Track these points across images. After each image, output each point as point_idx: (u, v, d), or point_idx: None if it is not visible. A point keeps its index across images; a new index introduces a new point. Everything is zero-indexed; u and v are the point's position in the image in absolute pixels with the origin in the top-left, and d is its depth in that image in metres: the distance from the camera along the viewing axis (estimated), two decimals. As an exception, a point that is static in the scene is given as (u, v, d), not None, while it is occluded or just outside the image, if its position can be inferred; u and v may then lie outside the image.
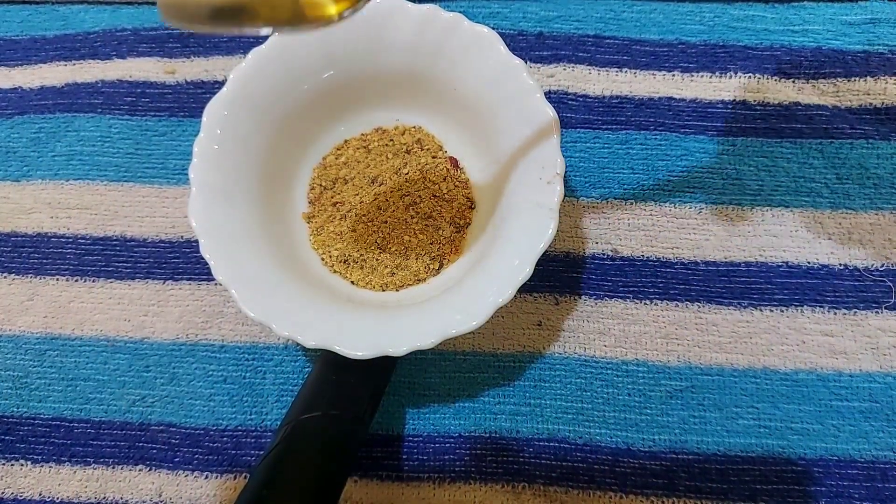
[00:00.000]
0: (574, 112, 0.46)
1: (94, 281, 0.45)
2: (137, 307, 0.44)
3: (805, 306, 0.42)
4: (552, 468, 0.40)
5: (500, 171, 0.40)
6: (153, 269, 0.45)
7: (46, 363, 0.43)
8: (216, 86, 0.48)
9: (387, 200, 0.42)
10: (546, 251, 0.34)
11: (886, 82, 0.46)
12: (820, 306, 0.42)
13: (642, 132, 0.46)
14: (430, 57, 0.38)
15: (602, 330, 0.42)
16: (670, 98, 0.46)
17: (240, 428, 0.42)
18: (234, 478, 0.41)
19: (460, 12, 0.37)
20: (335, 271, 0.41)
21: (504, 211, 0.38)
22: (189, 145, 0.36)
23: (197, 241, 0.35)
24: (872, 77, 0.46)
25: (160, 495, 0.41)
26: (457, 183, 0.42)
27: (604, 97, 0.47)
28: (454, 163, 0.43)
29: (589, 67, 0.47)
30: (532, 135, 0.36)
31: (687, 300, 0.42)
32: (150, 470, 0.41)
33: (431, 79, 0.40)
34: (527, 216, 0.35)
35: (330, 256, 0.42)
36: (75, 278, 0.45)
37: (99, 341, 0.44)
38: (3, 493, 0.41)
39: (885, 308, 0.42)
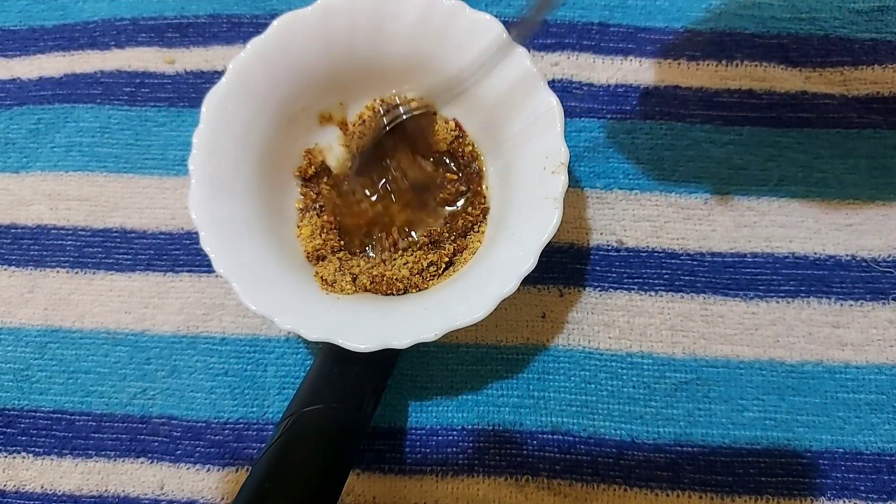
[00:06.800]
0: (578, 101, 0.46)
1: (94, 273, 0.45)
2: (138, 299, 0.44)
3: (812, 297, 0.41)
4: (556, 461, 0.40)
5: (504, 161, 0.39)
6: (153, 261, 0.45)
7: (47, 356, 0.43)
8: (216, 76, 0.47)
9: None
10: (550, 242, 0.33)
11: (894, 71, 0.45)
12: (827, 297, 0.41)
13: (648, 121, 0.45)
14: (432, 45, 0.38)
15: (607, 322, 0.42)
16: (676, 86, 0.46)
17: (241, 421, 0.41)
18: (236, 470, 0.41)
19: (462, -1, 0.37)
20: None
21: (508, 201, 0.38)
22: (189, 135, 0.36)
23: (198, 233, 0.34)
24: (881, 66, 0.45)
25: (162, 488, 0.41)
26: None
27: (609, 86, 0.46)
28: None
29: (594, 55, 0.47)
30: (535, 124, 0.36)
31: (693, 292, 0.42)
32: (151, 463, 0.41)
33: (433, 67, 0.39)
34: (530, 207, 0.35)
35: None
36: (75, 270, 0.45)
37: (99, 334, 0.43)
38: (4, 485, 0.41)
39: (893, 300, 0.41)
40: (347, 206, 0.41)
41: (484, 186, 0.41)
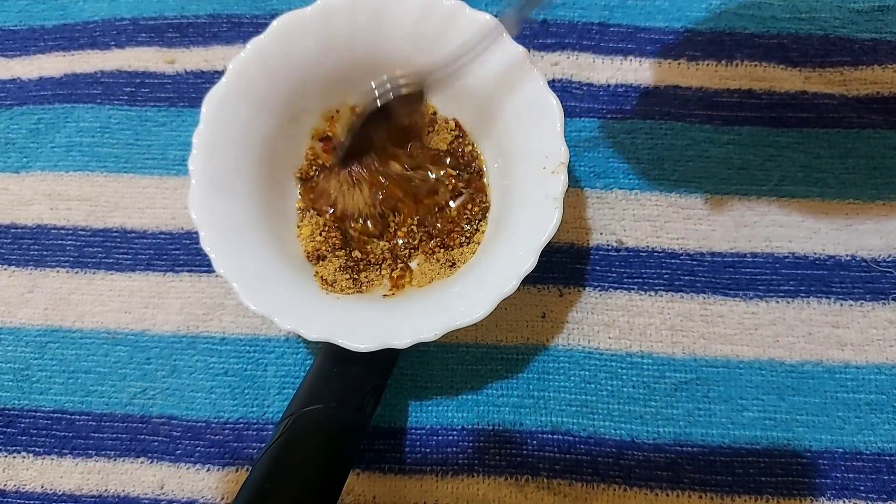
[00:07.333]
0: (578, 101, 0.46)
1: (94, 273, 0.45)
2: (138, 299, 0.44)
3: (812, 297, 0.41)
4: (556, 461, 0.40)
5: (504, 160, 0.39)
6: (153, 261, 0.45)
7: (47, 355, 0.43)
8: (216, 75, 0.47)
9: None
10: (550, 242, 0.33)
11: (894, 71, 0.45)
12: (827, 297, 0.41)
13: (647, 121, 0.45)
14: (432, 45, 0.38)
15: (607, 322, 0.42)
16: (676, 86, 0.46)
17: (241, 420, 0.41)
18: (236, 470, 0.41)
19: (462, -1, 0.37)
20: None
21: (508, 201, 0.38)
22: (189, 135, 0.36)
23: (198, 232, 0.34)
24: (880, 65, 0.45)
25: (162, 488, 0.41)
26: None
27: (608, 86, 0.46)
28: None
29: (593, 55, 0.47)
30: (535, 124, 0.36)
31: (693, 291, 0.42)
32: (151, 462, 0.41)
33: (433, 67, 0.39)
34: (531, 206, 0.35)
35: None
36: (75, 270, 0.45)
37: (99, 333, 0.43)
38: (5, 485, 0.41)
39: (893, 300, 0.41)
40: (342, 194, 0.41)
41: (484, 184, 0.41)
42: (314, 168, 0.42)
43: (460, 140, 0.42)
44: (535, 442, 0.40)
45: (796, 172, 0.44)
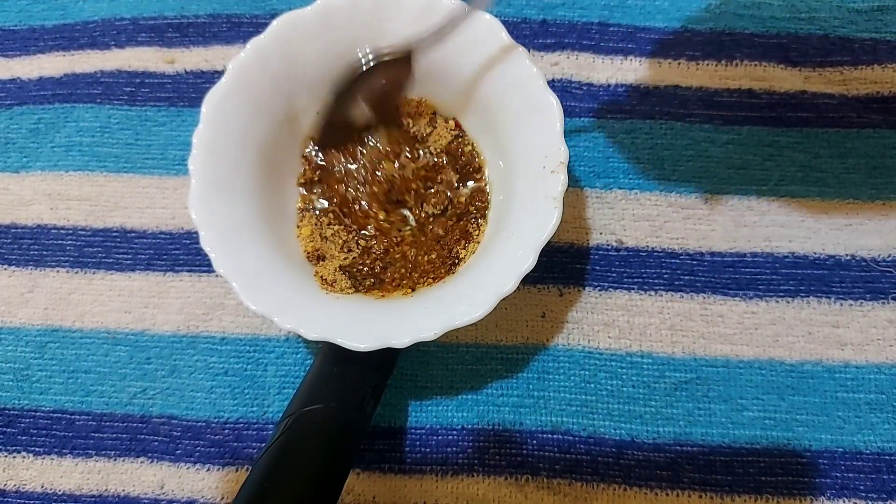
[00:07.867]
0: (578, 101, 0.46)
1: (94, 273, 0.45)
2: (138, 299, 0.44)
3: (812, 297, 0.41)
4: (556, 460, 0.40)
5: (504, 160, 0.39)
6: (153, 261, 0.45)
7: (47, 355, 0.43)
8: (216, 75, 0.47)
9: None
10: (550, 242, 0.33)
11: (894, 70, 0.45)
12: (826, 297, 0.41)
13: (647, 121, 0.45)
14: (431, 45, 0.38)
15: (606, 321, 0.42)
16: (676, 86, 0.46)
17: (241, 420, 0.41)
18: (236, 470, 0.41)
19: (462, -1, 0.37)
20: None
21: (507, 200, 0.38)
22: (189, 135, 0.36)
23: (198, 232, 0.34)
24: (880, 65, 0.45)
25: (162, 487, 0.41)
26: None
27: (608, 85, 0.46)
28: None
29: (593, 55, 0.47)
30: (535, 124, 0.36)
31: (692, 291, 0.42)
32: (151, 462, 0.41)
33: (432, 67, 0.39)
34: (530, 206, 0.35)
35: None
36: (75, 270, 0.45)
37: (99, 333, 0.43)
38: (5, 485, 0.41)
39: (893, 299, 0.41)
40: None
41: (484, 185, 0.41)
42: (318, 173, 0.42)
43: (460, 140, 0.42)
44: (534, 442, 0.40)
45: (796, 172, 0.44)
